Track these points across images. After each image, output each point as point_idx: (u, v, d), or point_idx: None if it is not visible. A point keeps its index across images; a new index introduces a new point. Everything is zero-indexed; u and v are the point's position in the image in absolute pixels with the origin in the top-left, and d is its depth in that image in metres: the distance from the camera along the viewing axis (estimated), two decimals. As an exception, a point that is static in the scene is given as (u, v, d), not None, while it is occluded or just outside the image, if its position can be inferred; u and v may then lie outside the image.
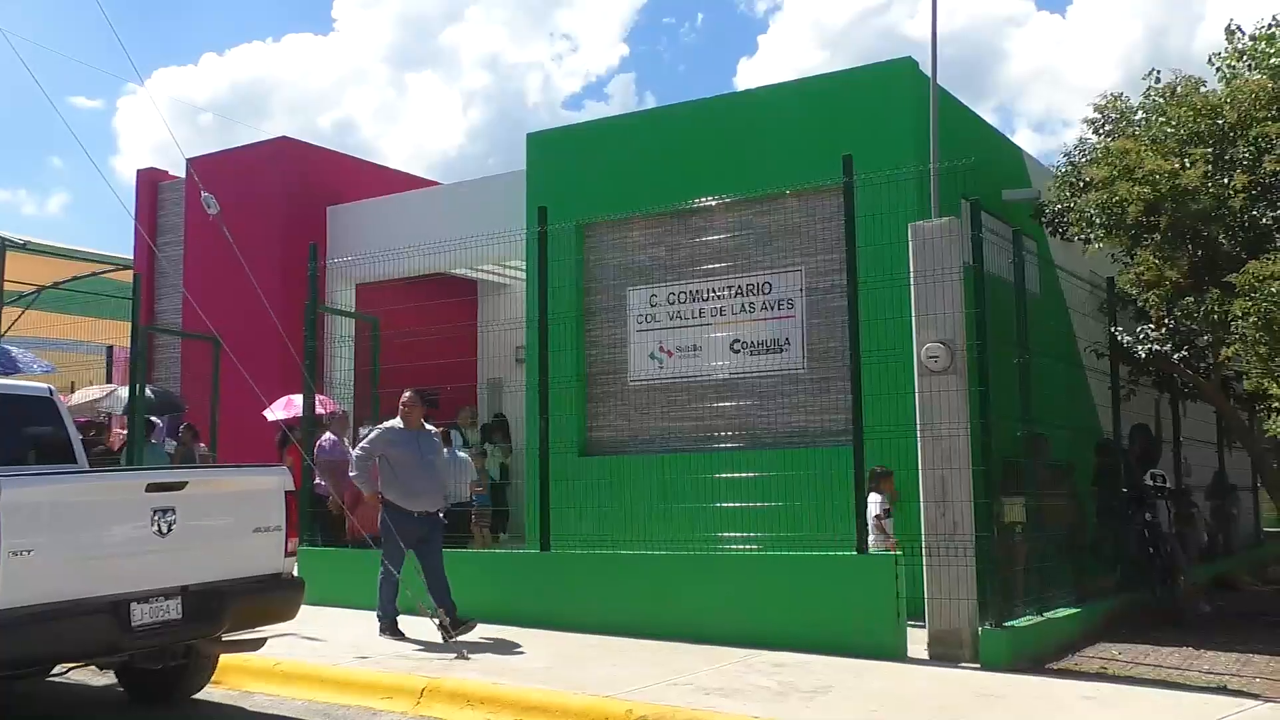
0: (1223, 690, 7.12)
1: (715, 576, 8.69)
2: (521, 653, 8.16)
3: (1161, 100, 10.35)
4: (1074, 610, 9.07)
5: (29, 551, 5.34)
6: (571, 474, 10.83)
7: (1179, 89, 10.19)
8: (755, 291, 11.29)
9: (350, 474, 9.23)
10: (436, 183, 19.09)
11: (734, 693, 6.77)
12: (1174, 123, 9.94)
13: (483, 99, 73.39)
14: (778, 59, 71.97)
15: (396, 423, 9.13)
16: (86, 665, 6.74)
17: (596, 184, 12.21)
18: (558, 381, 10.09)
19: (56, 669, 6.19)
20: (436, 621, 8.50)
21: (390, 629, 8.79)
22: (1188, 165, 9.39)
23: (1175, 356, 10.23)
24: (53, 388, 8.18)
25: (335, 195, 17.41)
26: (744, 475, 9.92)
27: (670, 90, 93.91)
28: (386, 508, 8.85)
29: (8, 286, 18.68)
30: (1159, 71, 10.61)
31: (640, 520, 10.48)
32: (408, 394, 9.22)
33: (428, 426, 9.44)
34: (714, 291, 11.50)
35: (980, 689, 6.88)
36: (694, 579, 8.76)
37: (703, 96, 12.63)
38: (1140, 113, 10.59)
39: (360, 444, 9.27)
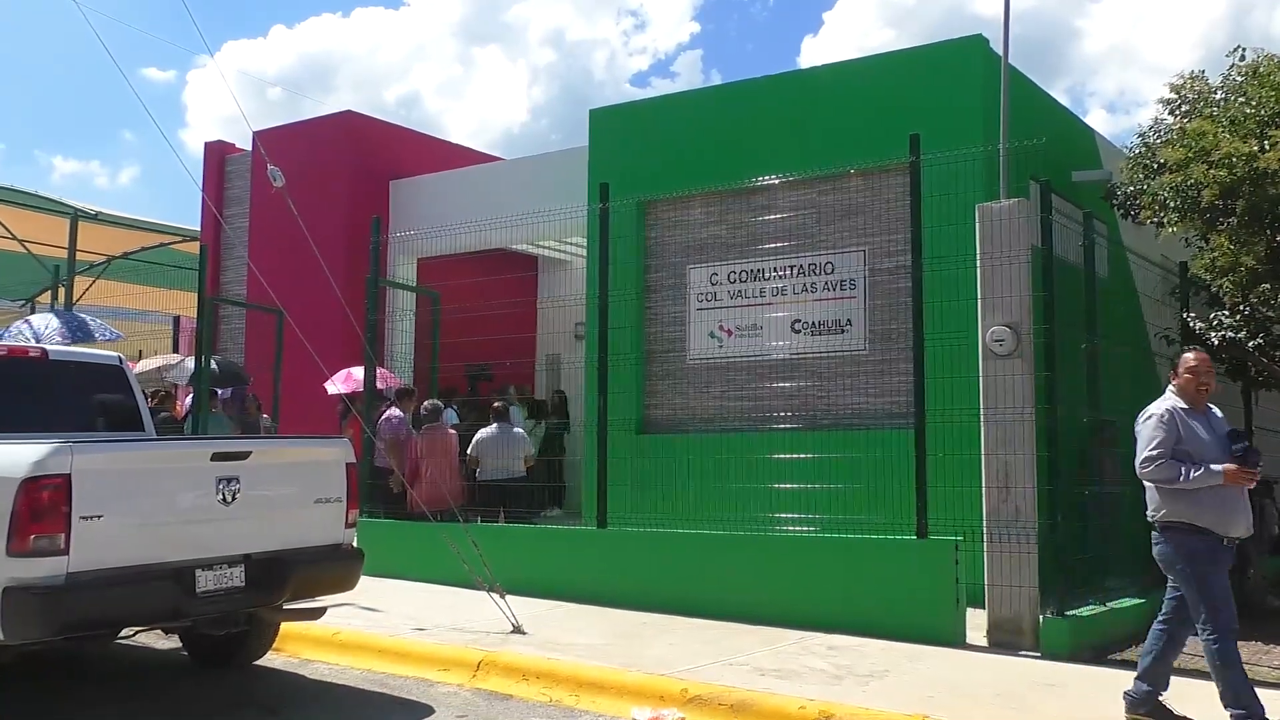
0: (1292, 687, 6.93)
1: (772, 557, 8.65)
2: (577, 628, 8.19)
3: (1242, 80, 10.04)
4: (1138, 600, 8.90)
5: (99, 517, 5.44)
6: (628, 452, 10.84)
7: (1261, 68, 9.87)
8: (817, 271, 11.18)
9: (1151, 502, 5.80)
10: (499, 158, 19.13)
11: (789, 674, 6.74)
12: (1254, 103, 9.64)
13: (547, 76, 73.34)
14: (842, 37, 71.02)
15: (1175, 401, 5.85)
16: (152, 629, 6.86)
17: (659, 161, 12.14)
18: (616, 359, 10.08)
19: (124, 632, 6.32)
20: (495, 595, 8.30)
21: None
22: (1267, 148, 9.11)
23: (1250, 344, 9.97)
24: (122, 356, 8.34)
25: (398, 169, 17.51)
26: (802, 456, 9.85)
27: (738, 69, 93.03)
28: (1181, 535, 5.70)
29: (79, 256, 19.11)
30: (1244, 49, 10.26)
31: (697, 499, 10.46)
32: (1193, 356, 5.97)
33: None
34: (775, 271, 11.40)
35: (1041, 678, 6.78)
36: (751, 559, 8.73)
37: (767, 74, 12.48)
38: (1220, 93, 10.27)
39: (1146, 448, 5.70)
